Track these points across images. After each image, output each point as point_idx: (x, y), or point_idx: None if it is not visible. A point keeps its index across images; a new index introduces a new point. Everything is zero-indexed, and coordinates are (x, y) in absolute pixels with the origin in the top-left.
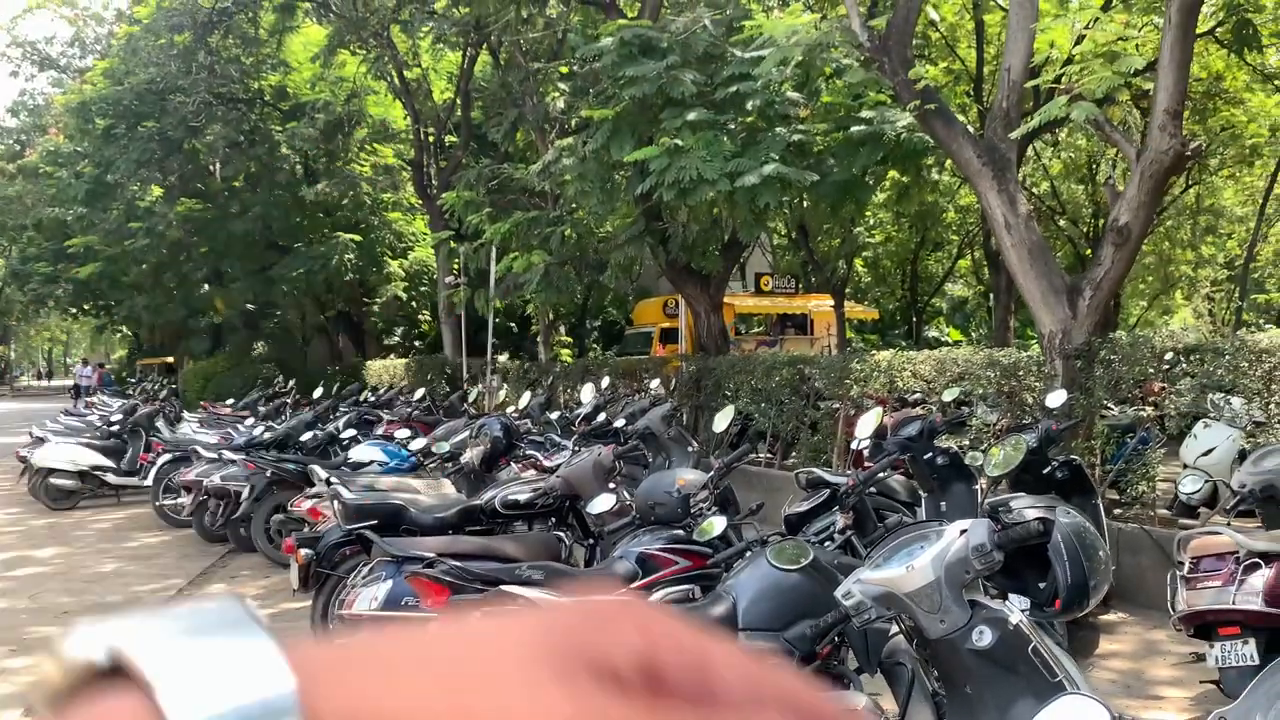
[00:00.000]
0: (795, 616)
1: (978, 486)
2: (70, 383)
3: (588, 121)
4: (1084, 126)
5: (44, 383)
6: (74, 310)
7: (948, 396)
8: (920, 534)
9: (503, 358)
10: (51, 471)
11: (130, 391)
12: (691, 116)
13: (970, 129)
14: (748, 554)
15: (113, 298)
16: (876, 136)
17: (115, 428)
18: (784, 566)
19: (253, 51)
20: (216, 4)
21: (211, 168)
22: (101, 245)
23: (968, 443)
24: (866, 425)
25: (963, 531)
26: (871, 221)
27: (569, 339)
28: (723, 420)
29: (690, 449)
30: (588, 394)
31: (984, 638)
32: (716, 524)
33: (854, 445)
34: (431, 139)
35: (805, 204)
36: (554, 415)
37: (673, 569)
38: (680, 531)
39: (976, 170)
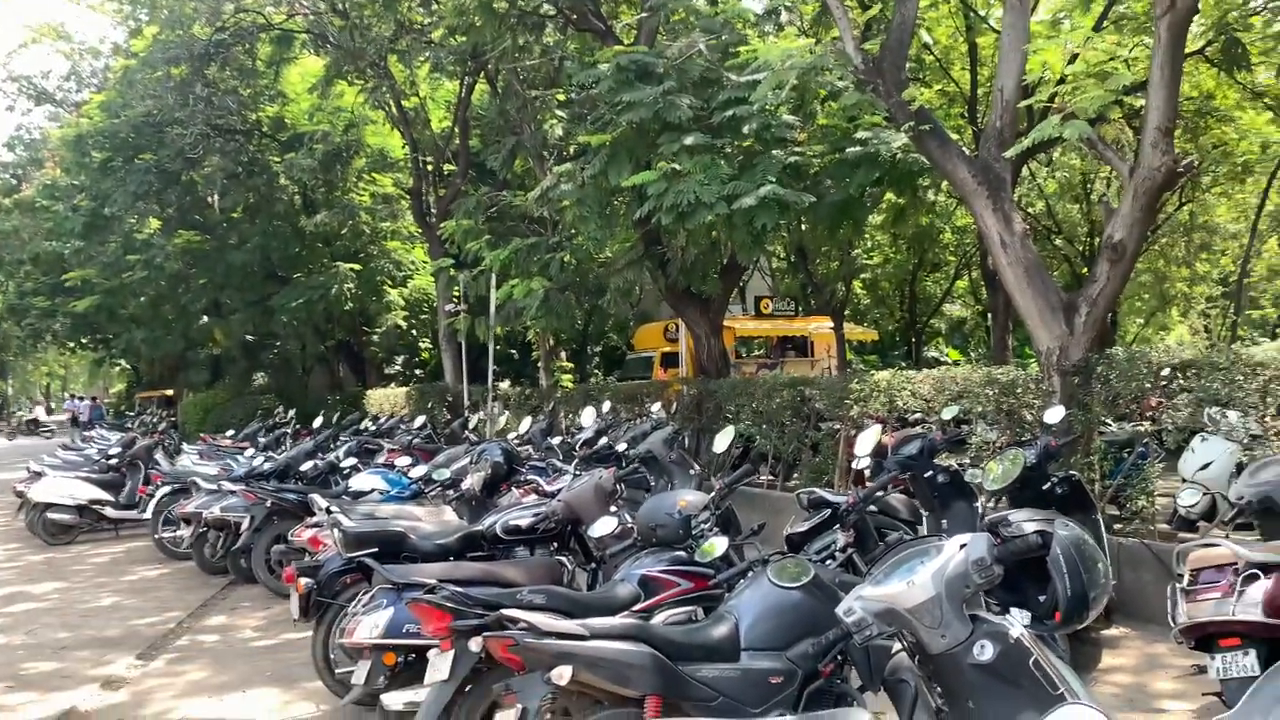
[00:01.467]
0: (798, 635)
1: (978, 504)
2: (64, 416)
3: (585, 147)
4: (1077, 145)
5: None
6: (72, 344)
7: (947, 415)
8: (920, 549)
9: (504, 384)
10: (49, 506)
11: (129, 425)
12: (688, 141)
13: (965, 150)
14: (749, 574)
15: (111, 331)
16: (872, 157)
17: (114, 461)
18: (785, 585)
19: (250, 83)
20: (213, 36)
21: (210, 199)
22: (99, 278)
23: (968, 460)
24: (865, 443)
25: (962, 546)
26: (869, 243)
27: (570, 365)
28: (723, 441)
29: (692, 472)
30: (589, 418)
31: (985, 652)
32: (718, 545)
33: (855, 465)
34: (430, 167)
35: (803, 226)
36: (555, 441)
37: (675, 590)
38: (682, 553)
39: (972, 190)
